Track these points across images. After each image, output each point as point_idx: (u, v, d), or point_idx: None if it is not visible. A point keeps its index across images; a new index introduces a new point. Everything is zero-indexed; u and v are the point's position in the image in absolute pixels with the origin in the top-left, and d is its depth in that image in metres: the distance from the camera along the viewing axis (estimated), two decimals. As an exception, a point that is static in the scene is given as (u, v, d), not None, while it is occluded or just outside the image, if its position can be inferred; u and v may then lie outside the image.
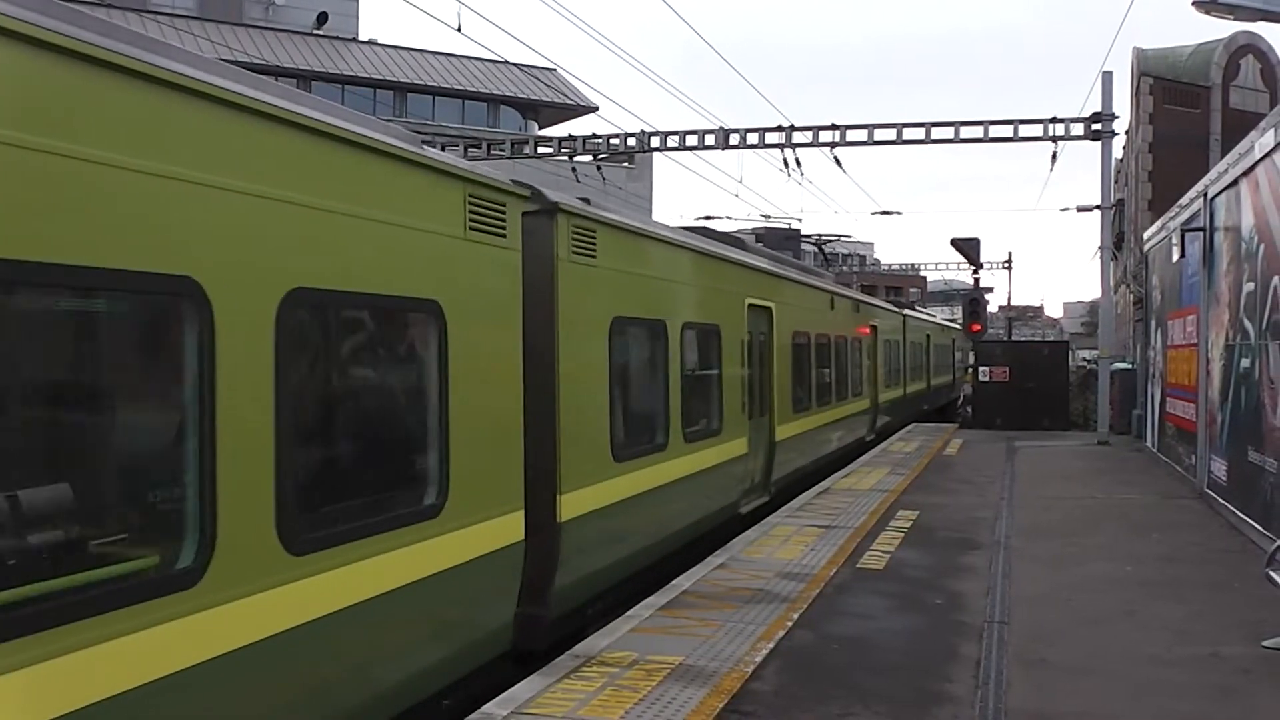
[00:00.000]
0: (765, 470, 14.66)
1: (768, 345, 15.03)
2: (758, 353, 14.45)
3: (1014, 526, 12.79)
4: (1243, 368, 12.45)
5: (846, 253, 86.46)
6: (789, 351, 16.23)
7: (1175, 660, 7.45)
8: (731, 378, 12.95)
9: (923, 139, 25.03)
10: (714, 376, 12.45)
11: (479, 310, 7.04)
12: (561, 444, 8.18)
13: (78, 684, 4.02)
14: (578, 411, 8.50)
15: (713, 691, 6.51)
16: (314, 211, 5.52)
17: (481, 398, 6.97)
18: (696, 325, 11.76)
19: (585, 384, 8.77)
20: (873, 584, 9.67)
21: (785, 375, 15.89)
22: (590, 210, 9.03)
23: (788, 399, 15.99)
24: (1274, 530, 10.31)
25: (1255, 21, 20.22)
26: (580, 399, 8.59)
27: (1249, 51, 36.12)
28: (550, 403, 8.09)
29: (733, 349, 13.04)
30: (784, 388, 15.78)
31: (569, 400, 8.29)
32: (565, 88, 48.97)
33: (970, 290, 38.02)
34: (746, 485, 13.74)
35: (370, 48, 52.10)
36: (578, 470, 8.44)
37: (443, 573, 6.44)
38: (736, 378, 13.19)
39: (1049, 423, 27.95)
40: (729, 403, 12.71)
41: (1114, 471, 18.86)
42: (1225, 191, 13.74)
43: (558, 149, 28.35)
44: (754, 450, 13.85)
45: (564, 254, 8.38)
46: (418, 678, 6.39)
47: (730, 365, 12.93)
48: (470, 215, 6.91)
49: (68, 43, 4.08)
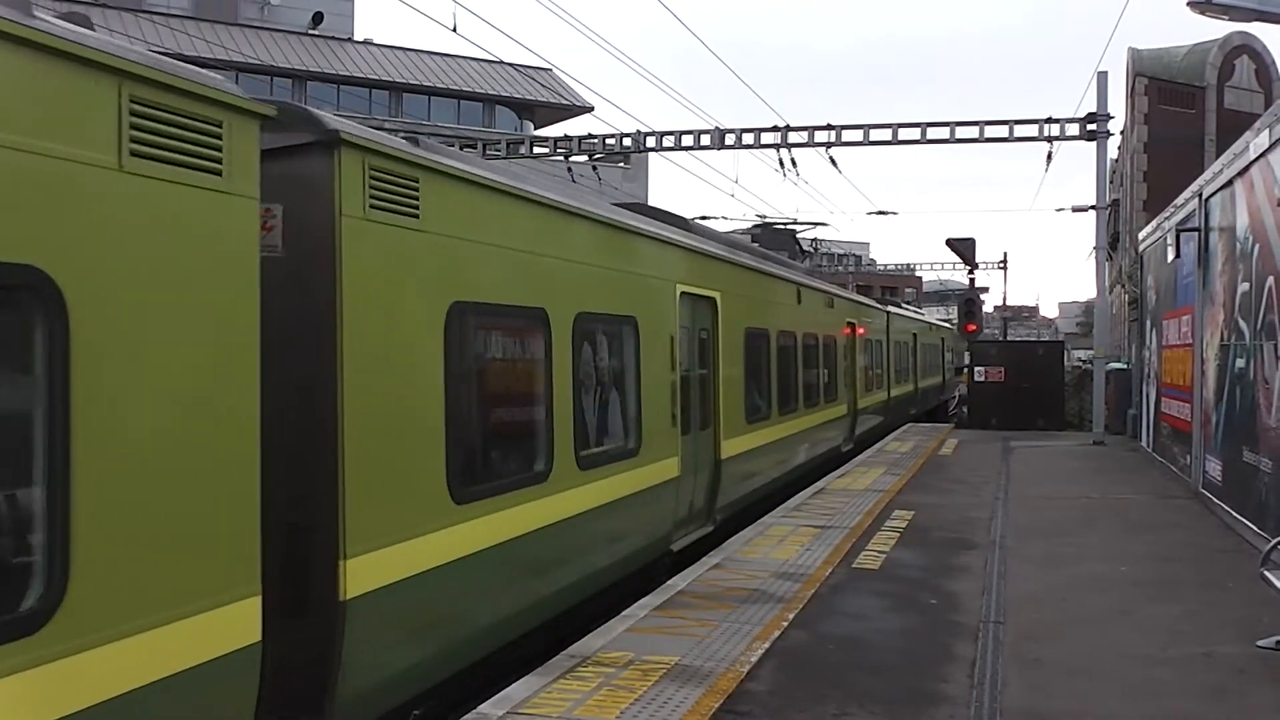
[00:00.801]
0: (708, 494, 12.35)
1: (710, 344, 12.65)
2: (695, 353, 12.12)
3: (1009, 526, 12.80)
4: (1238, 368, 12.47)
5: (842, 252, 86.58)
6: (741, 351, 13.77)
7: (1170, 660, 7.46)
8: (655, 383, 10.54)
9: (918, 139, 25.05)
10: (627, 382, 10.05)
11: (153, 286, 4.56)
12: (349, 486, 5.77)
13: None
14: (381, 437, 6.09)
15: (708, 691, 6.51)
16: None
17: (154, 423, 4.54)
18: (597, 317, 9.30)
19: (396, 396, 6.28)
20: (868, 584, 9.68)
21: (735, 380, 13.51)
22: (409, 150, 6.58)
23: (738, 408, 13.59)
24: (1268, 530, 10.33)
25: (1250, 22, 20.28)
26: (386, 419, 6.15)
27: (1244, 52, 36.22)
28: (327, 426, 5.72)
29: (657, 348, 10.63)
30: (733, 394, 13.38)
31: (364, 422, 5.91)
32: (561, 88, 48.94)
33: (966, 290, 38.11)
34: (681, 515, 11.30)
35: (365, 48, 52.06)
36: (379, 522, 6.05)
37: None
38: (663, 383, 10.77)
39: (1044, 423, 27.98)
40: (652, 415, 10.35)
41: (1109, 471, 18.89)
42: (1220, 192, 13.77)
43: (553, 149, 28.35)
44: (691, 471, 11.51)
45: (355, 209, 5.97)
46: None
47: (654, 368, 10.49)
48: (134, 133, 4.47)
49: None
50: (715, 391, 12.65)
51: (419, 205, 6.58)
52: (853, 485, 16.39)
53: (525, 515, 7.69)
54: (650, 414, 10.30)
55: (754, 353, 14.47)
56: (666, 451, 10.73)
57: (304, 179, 5.85)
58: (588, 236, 9.30)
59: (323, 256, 5.80)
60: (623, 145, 27.27)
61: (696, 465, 11.79)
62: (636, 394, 10.10)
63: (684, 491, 11.29)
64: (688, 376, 11.64)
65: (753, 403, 14.35)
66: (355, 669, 5.84)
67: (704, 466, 12.14)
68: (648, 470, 10.16)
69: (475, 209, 7.34)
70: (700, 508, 12.06)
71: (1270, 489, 10.82)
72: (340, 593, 5.73)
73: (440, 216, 6.81)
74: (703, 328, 12.42)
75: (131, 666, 4.33)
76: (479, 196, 7.40)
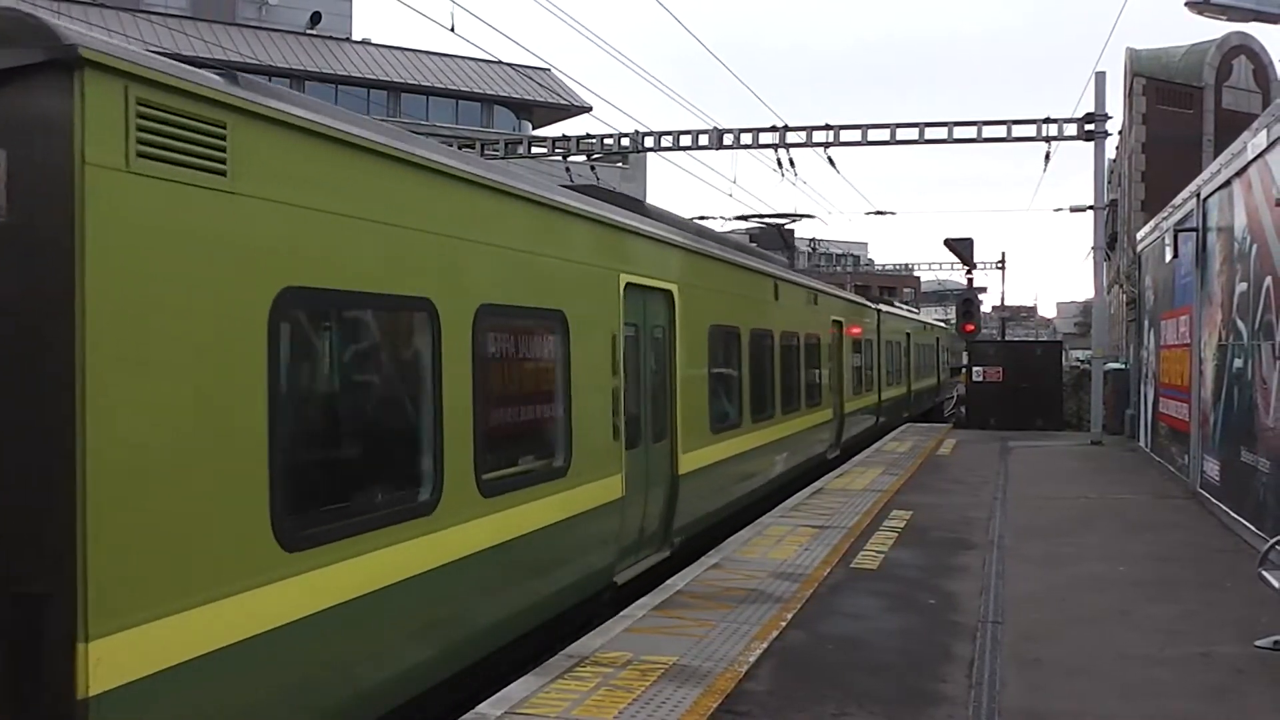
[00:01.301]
0: (663, 516, 10.83)
1: (666, 343, 11.10)
2: (647, 353, 10.62)
3: (1008, 526, 12.80)
4: (1235, 368, 12.48)
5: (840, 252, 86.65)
6: (704, 352, 12.26)
7: (1168, 660, 7.46)
8: (590, 390, 9.00)
9: (916, 139, 25.05)
10: (552, 390, 8.53)
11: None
12: (94, 535, 4.19)
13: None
14: (154, 466, 4.55)
15: (707, 691, 6.50)
16: None
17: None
18: (508, 311, 7.72)
19: (183, 410, 4.74)
20: (867, 584, 9.67)
21: (697, 384, 11.99)
22: (209, 85, 4.94)
23: (701, 416, 12.03)
24: (1266, 530, 10.33)
25: (1248, 22, 20.29)
26: (164, 441, 4.61)
27: (1242, 52, 36.24)
28: (60, 453, 4.18)
29: (591, 348, 9.09)
30: (695, 401, 11.80)
31: (122, 446, 4.38)
32: (559, 88, 48.94)
33: (964, 290, 38.15)
34: (627, 541, 9.85)
35: (364, 48, 52.09)
36: (149, 583, 4.45)
37: None
38: (600, 390, 9.24)
39: (1042, 423, 28.00)
40: (586, 427, 8.82)
41: (1107, 471, 18.90)
42: (1218, 192, 13.78)
43: (552, 149, 28.35)
44: (639, 490, 10.03)
45: (110, 157, 4.38)
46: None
47: (588, 372, 8.95)
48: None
49: None
50: (672, 398, 11.09)
51: (227, 159, 4.98)
52: (851, 485, 16.40)
53: (399, 557, 6.12)
54: (583, 426, 8.77)
55: (721, 353, 13.02)
56: (605, 469, 9.22)
57: (35, 114, 4.28)
58: (496, 213, 7.63)
59: (57, 220, 4.22)
60: (621, 145, 27.27)
61: (647, 483, 10.32)
62: (566, 403, 8.57)
63: (630, 514, 9.80)
64: (637, 381, 10.24)
65: (719, 410, 12.88)
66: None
67: (658, 484, 10.64)
68: (580, 492, 8.66)
69: (325, 170, 5.74)
70: (653, 531, 10.60)
71: (1268, 489, 10.83)
72: (80, 688, 4.12)
73: (264, 175, 5.24)
74: (657, 325, 10.90)
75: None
76: (332, 154, 5.78)
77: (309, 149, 5.60)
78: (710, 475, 12.18)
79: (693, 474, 11.46)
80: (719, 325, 12.92)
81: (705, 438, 12.14)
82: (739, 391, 13.91)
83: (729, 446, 13.07)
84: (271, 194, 5.31)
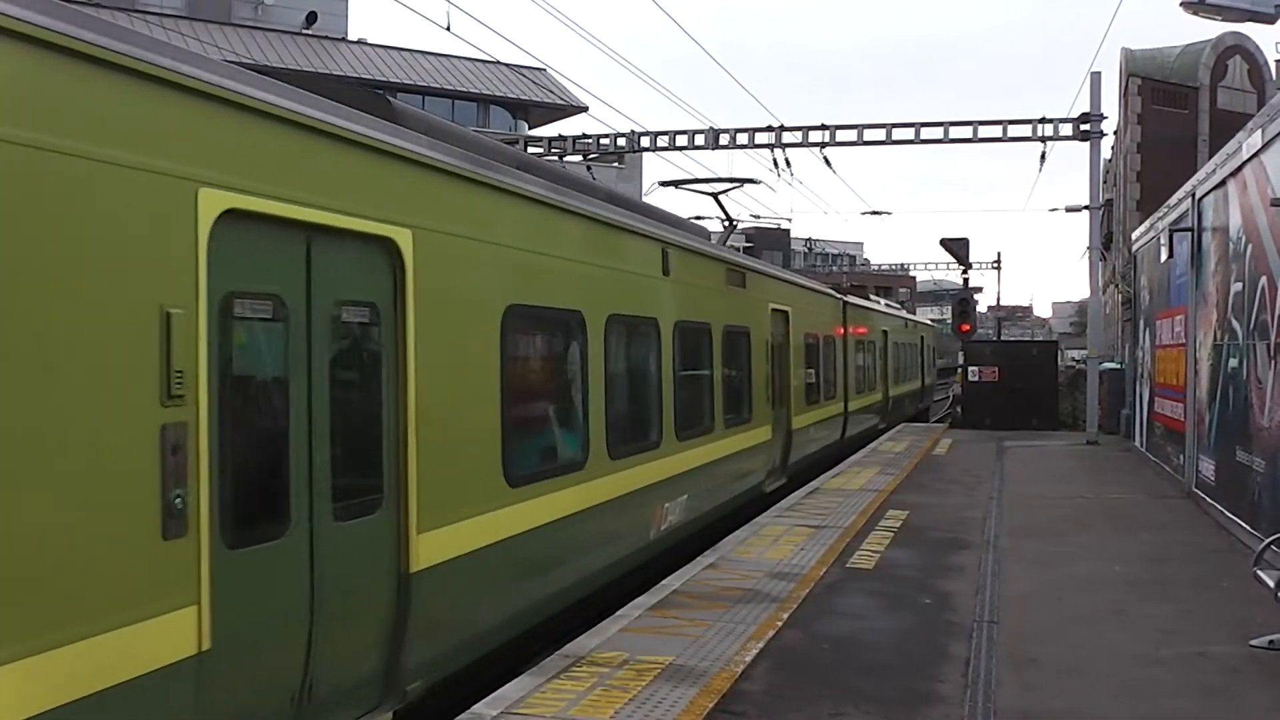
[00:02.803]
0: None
1: (390, 337, 6.22)
2: (303, 353, 5.57)
3: (1003, 526, 12.82)
4: (1230, 368, 12.50)
5: (836, 252, 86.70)
6: (485, 352, 7.27)
7: (1164, 659, 7.47)
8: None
9: (912, 139, 25.07)
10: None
11: None
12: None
13: None
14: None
15: (703, 691, 6.50)
16: None
17: None
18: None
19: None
20: (863, 584, 9.68)
21: (455, 408, 6.82)
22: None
23: (469, 464, 7.04)
24: (1261, 529, 10.35)
25: (1243, 22, 20.33)
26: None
27: (1237, 52, 36.30)
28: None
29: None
30: (449, 441, 6.66)
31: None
32: (555, 87, 48.91)
33: (959, 290, 38.17)
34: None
35: (360, 47, 52.01)
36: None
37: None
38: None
39: (1038, 422, 28.04)
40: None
41: (1102, 471, 18.92)
42: (1213, 192, 13.80)
43: (548, 149, 28.34)
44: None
45: None
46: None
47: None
48: None
49: None
50: (400, 441, 6.15)
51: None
52: (847, 485, 16.39)
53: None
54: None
55: (520, 355, 8.15)
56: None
57: None
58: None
59: None
60: (617, 145, 27.29)
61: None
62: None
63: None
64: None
65: (518, 449, 7.71)
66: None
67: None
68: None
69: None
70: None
71: (1263, 488, 10.85)
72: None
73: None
74: (345, 301, 5.89)
75: None
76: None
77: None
78: (479, 578, 7.59)
79: (442, 571, 6.76)
80: (519, 306, 7.86)
81: (477, 502, 7.23)
82: (574, 413, 9.07)
83: (537, 509, 7.97)
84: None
